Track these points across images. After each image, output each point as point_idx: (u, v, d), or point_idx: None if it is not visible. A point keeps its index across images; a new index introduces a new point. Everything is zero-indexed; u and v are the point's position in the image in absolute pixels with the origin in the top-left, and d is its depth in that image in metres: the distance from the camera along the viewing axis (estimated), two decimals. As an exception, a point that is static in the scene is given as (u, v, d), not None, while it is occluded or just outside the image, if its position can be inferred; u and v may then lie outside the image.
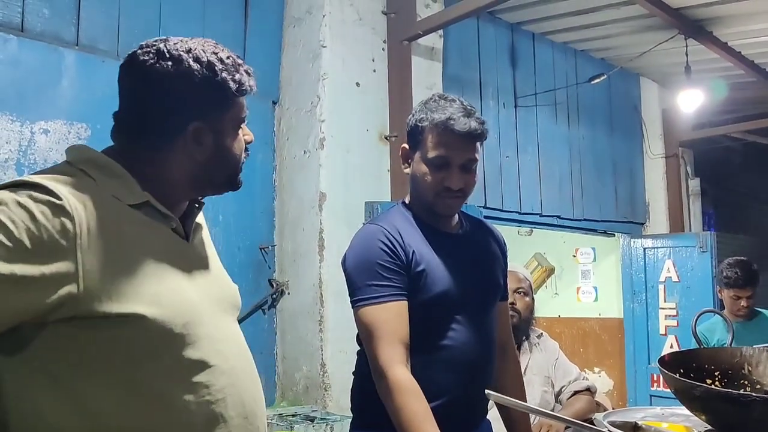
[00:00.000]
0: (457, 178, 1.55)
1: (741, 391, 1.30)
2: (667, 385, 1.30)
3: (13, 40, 2.75)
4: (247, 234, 3.43)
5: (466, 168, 1.57)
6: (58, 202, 0.93)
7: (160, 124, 1.08)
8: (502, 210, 4.44)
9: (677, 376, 1.27)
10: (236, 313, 1.23)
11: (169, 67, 1.06)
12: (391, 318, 1.48)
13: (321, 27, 3.43)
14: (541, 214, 4.76)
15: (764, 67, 4.96)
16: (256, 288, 3.43)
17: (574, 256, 6.25)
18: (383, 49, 3.63)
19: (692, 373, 1.35)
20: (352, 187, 3.41)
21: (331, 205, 3.32)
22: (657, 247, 5.27)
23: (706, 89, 4.59)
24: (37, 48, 2.81)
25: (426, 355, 1.52)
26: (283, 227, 3.54)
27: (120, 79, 1.11)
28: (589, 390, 2.48)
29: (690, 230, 5.72)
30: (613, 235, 5.54)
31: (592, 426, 1.27)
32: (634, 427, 1.31)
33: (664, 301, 5.16)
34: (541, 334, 2.60)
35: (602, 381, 5.78)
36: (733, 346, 1.49)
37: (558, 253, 6.36)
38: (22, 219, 0.91)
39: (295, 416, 3.06)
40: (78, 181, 1.00)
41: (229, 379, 1.07)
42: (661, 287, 5.18)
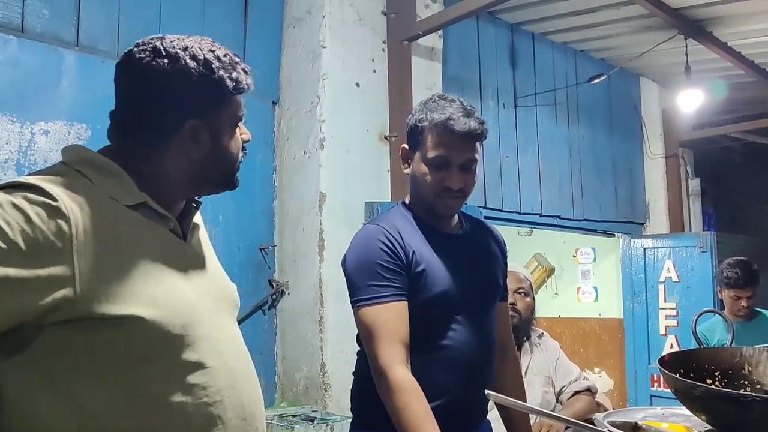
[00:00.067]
0: (457, 178, 1.55)
1: (741, 391, 1.30)
2: (668, 385, 1.30)
3: (13, 41, 2.75)
4: (247, 234, 3.43)
5: (466, 168, 1.57)
6: (53, 203, 0.92)
7: (157, 122, 1.07)
8: (502, 210, 4.44)
9: (677, 376, 1.27)
10: (235, 312, 1.22)
11: (166, 64, 1.05)
12: (392, 318, 1.48)
13: (321, 27, 3.43)
14: (541, 215, 4.75)
15: (764, 67, 4.96)
16: (256, 288, 3.43)
17: (574, 257, 6.25)
18: (383, 50, 3.63)
19: (692, 373, 1.35)
20: (352, 187, 3.41)
21: (331, 206, 3.32)
22: (657, 247, 5.26)
23: (706, 89, 4.59)
24: (37, 49, 2.81)
25: (426, 355, 1.52)
26: (283, 227, 3.54)
27: (116, 78, 1.10)
28: (589, 390, 2.48)
29: (690, 230, 5.71)
30: (613, 235, 5.54)
31: (592, 426, 1.27)
32: (634, 427, 1.31)
33: (665, 301, 5.15)
34: (541, 334, 2.60)
35: (602, 381, 5.78)
36: (733, 346, 1.49)
37: (558, 254, 6.36)
38: (17, 221, 0.90)
39: (295, 417, 3.06)
40: (74, 181, 0.99)
41: (228, 380, 1.07)
42: (661, 287, 5.18)
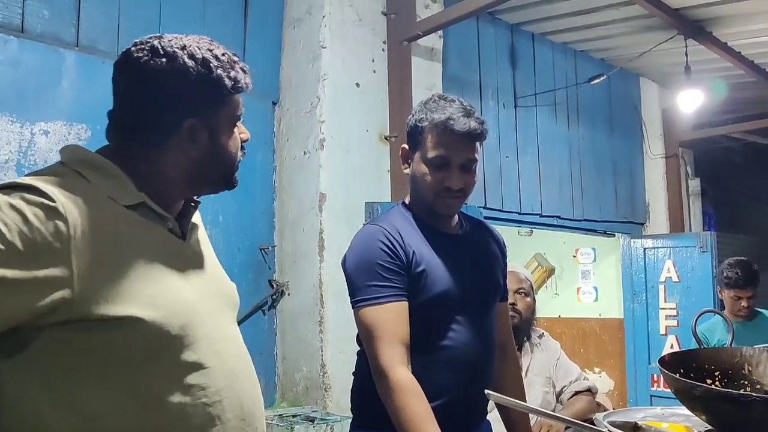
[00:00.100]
0: (457, 178, 1.55)
1: (741, 391, 1.30)
2: (668, 385, 1.30)
3: (14, 41, 2.75)
4: (247, 235, 3.43)
5: (466, 168, 1.57)
6: (51, 204, 0.92)
7: (155, 121, 1.07)
8: (502, 210, 4.44)
9: (677, 376, 1.27)
10: (235, 312, 1.22)
11: (164, 63, 1.05)
12: (392, 318, 1.48)
13: (321, 28, 3.43)
14: (541, 215, 4.75)
15: (764, 67, 4.96)
16: (256, 289, 3.43)
17: (575, 257, 6.25)
18: (383, 50, 3.63)
19: (692, 373, 1.35)
20: (352, 187, 3.41)
21: (331, 206, 3.32)
22: (657, 248, 5.27)
23: (706, 89, 4.59)
24: (37, 49, 2.81)
25: (426, 355, 1.52)
26: (283, 228, 3.54)
27: (114, 77, 1.10)
28: (590, 390, 2.48)
29: (690, 230, 5.71)
30: (613, 236, 5.54)
31: (592, 426, 1.27)
32: (635, 427, 1.31)
33: (665, 302, 5.15)
34: (542, 335, 2.60)
35: (602, 381, 5.78)
36: (733, 346, 1.49)
37: (558, 254, 6.36)
38: (15, 222, 0.90)
39: (295, 417, 3.06)
40: (72, 182, 0.99)
41: (227, 380, 1.06)
42: (661, 287, 5.18)
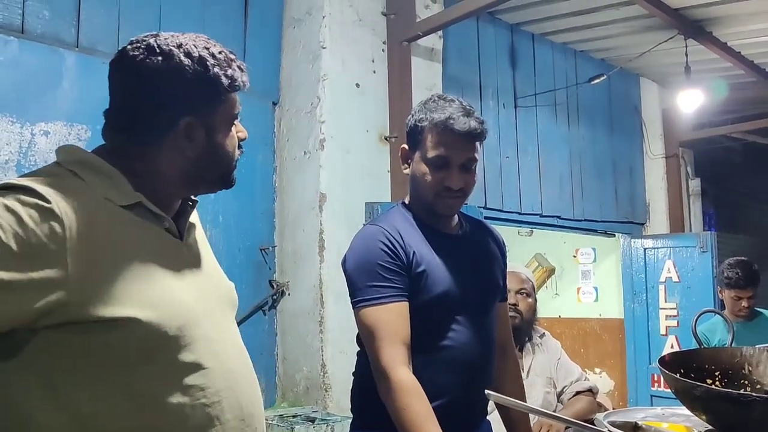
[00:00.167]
0: (457, 178, 1.55)
1: (741, 391, 1.30)
2: (668, 385, 1.30)
3: (14, 42, 2.75)
4: (247, 235, 3.43)
5: (466, 168, 1.57)
6: (46, 205, 0.91)
7: (151, 120, 1.06)
8: (502, 210, 4.44)
9: (678, 377, 1.27)
10: (234, 311, 1.21)
11: (160, 62, 1.04)
12: (393, 319, 1.48)
13: (321, 28, 3.43)
14: (542, 215, 4.75)
15: (764, 67, 4.96)
16: (257, 289, 3.43)
17: (575, 257, 6.25)
18: (383, 50, 3.63)
19: (692, 374, 1.35)
20: (352, 187, 3.41)
21: (331, 206, 3.32)
22: (657, 248, 5.27)
23: (706, 89, 4.59)
24: (38, 50, 2.81)
25: (426, 355, 1.52)
26: (283, 228, 3.54)
27: (110, 76, 1.09)
28: (590, 391, 2.48)
29: (690, 230, 5.71)
30: (614, 236, 5.54)
31: (592, 426, 1.27)
32: (635, 427, 1.31)
33: (665, 302, 5.15)
34: (543, 334, 2.60)
35: (603, 381, 5.78)
36: (734, 346, 1.49)
37: (558, 254, 6.36)
38: (10, 223, 0.89)
39: (295, 417, 3.06)
40: (68, 182, 0.98)
41: (226, 381, 1.06)
42: (661, 287, 5.18)
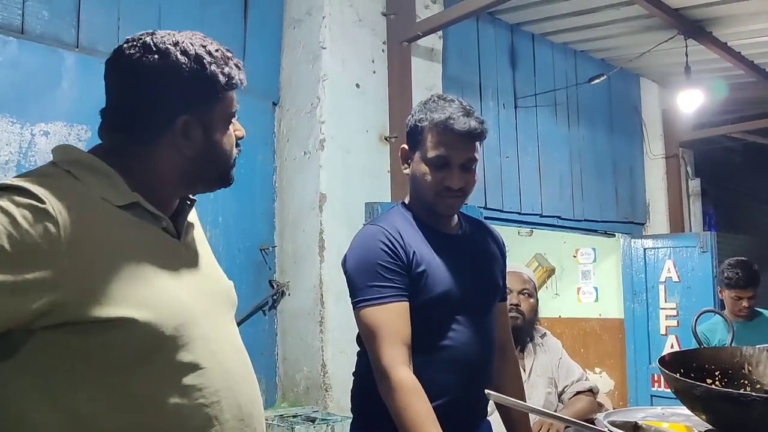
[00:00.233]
0: (457, 178, 1.55)
1: (741, 391, 1.30)
2: (668, 385, 1.30)
3: (13, 42, 2.75)
4: (247, 235, 3.43)
5: (466, 167, 1.57)
6: (40, 205, 0.91)
7: (148, 119, 1.06)
8: (502, 210, 4.44)
9: (678, 376, 1.27)
10: (233, 310, 1.20)
11: (156, 60, 1.03)
12: (393, 319, 1.48)
13: (321, 28, 3.43)
14: (542, 215, 4.75)
15: (764, 67, 4.96)
16: (257, 289, 3.43)
17: (575, 257, 6.25)
18: (383, 51, 3.63)
19: (692, 373, 1.35)
20: (352, 188, 3.41)
21: (331, 206, 3.32)
22: (657, 248, 5.27)
23: (706, 89, 4.59)
24: (37, 50, 2.81)
25: (426, 355, 1.52)
26: (283, 228, 3.54)
27: (106, 74, 1.08)
28: (591, 391, 2.48)
29: (690, 230, 5.71)
30: (614, 236, 5.54)
31: (593, 426, 1.27)
32: (635, 427, 1.31)
33: (665, 302, 5.16)
34: (544, 334, 2.60)
35: (603, 381, 5.78)
36: (734, 346, 1.49)
37: (558, 254, 6.36)
38: (3, 224, 0.88)
39: (295, 417, 3.06)
40: (63, 182, 0.97)
41: (224, 381, 1.05)
42: (661, 287, 5.19)
